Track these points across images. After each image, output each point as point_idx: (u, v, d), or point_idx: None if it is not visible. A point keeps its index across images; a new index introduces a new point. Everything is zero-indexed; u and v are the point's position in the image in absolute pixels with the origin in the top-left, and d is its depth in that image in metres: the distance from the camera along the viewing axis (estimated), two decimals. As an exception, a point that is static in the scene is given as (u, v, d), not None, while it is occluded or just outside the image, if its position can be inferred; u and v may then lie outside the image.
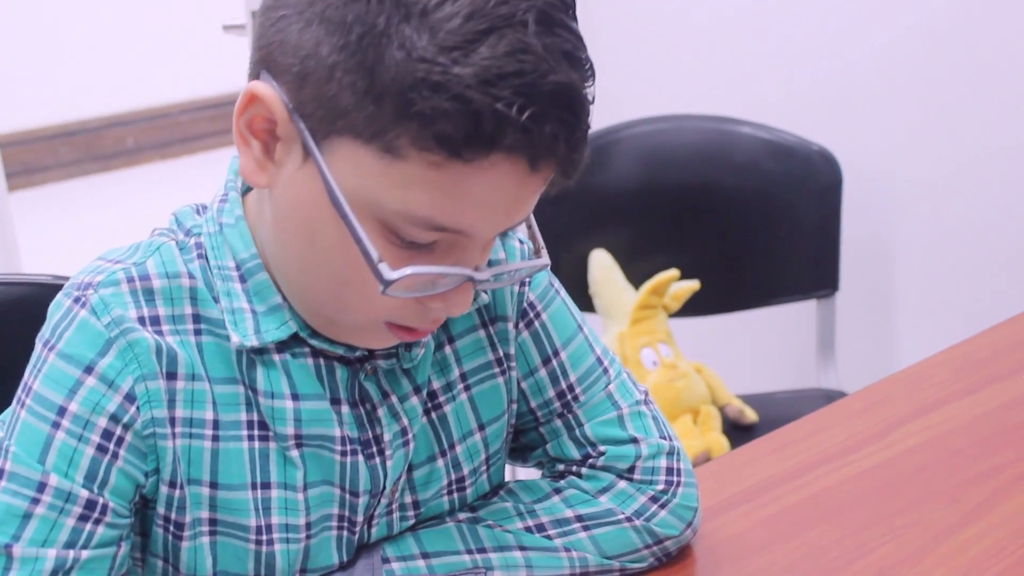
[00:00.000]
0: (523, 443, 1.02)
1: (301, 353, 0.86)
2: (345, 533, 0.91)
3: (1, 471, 0.81)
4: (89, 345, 0.82)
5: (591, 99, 0.76)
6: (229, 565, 0.88)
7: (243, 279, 0.85)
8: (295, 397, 0.86)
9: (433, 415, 0.93)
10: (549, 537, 0.96)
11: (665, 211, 1.98)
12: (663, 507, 0.97)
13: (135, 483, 0.84)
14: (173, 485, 0.85)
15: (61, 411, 0.81)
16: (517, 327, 0.96)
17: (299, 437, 0.87)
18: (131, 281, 0.84)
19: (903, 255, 2.09)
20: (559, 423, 0.99)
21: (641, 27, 2.34)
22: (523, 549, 0.95)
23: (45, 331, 0.84)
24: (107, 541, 0.83)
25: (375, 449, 0.90)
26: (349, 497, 0.90)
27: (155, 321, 0.84)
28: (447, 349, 0.93)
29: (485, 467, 0.97)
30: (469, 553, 0.94)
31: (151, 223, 0.94)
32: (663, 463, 0.98)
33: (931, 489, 1.10)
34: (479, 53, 0.70)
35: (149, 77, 5.04)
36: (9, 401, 0.85)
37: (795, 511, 1.08)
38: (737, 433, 1.83)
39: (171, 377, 0.83)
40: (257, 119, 0.78)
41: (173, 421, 0.84)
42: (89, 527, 0.82)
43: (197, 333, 0.85)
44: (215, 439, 0.85)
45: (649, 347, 1.85)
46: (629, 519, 0.97)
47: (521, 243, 0.97)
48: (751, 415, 1.87)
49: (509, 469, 1.04)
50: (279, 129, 0.77)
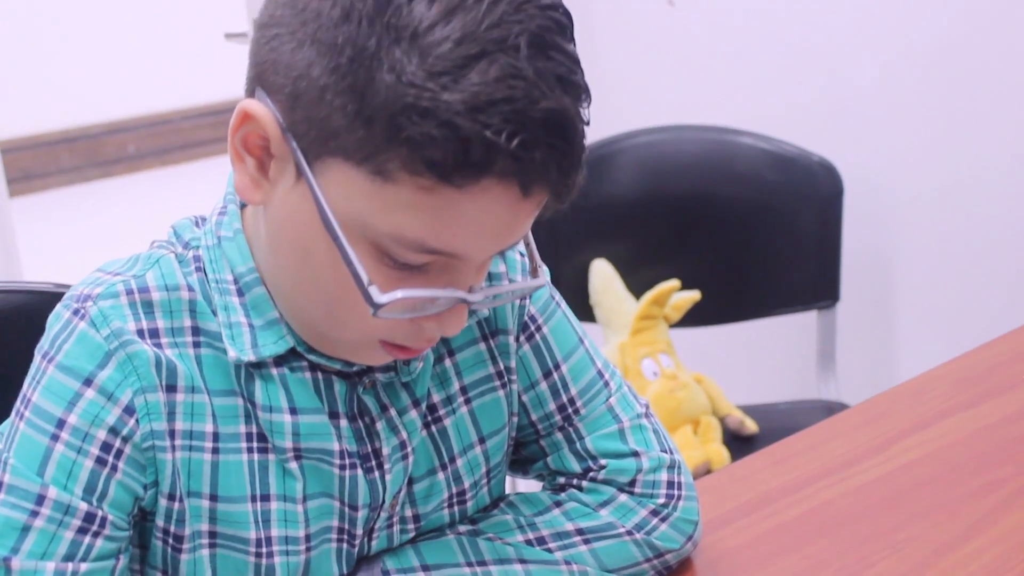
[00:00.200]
0: (523, 456, 1.02)
1: (299, 367, 0.86)
2: (345, 546, 0.91)
3: (0, 483, 0.81)
4: (88, 357, 0.82)
5: (586, 121, 0.75)
6: (228, 578, 0.88)
7: (240, 293, 0.84)
8: (293, 411, 0.85)
9: (433, 428, 0.93)
10: (549, 550, 0.95)
11: (666, 221, 1.98)
12: (664, 521, 0.97)
13: (134, 496, 0.84)
14: (172, 498, 0.85)
15: (60, 423, 0.81)
16: (518, 340, 0.96)
17: (298, 450, 0.86)
18: (130, 293, 0.84)
19: (904, 266, 2.09)
20: (560, 436, 0.98)
21: (642, 37, 2.34)
22: (523, 562, 0.94)
23: (44, 343, 0.84)
24: (106, 554, 0.83)
25: (374, 463, 0.89)
26: (348, 510, 0.90)
27: (154, 334, 0.84)
28: (447, 362, 0.93)
29: (486, 480, 0.97)
30: (469, 566, 0.93)
31: (152, 229, 0.94)
32: (664, 476, 0.98)
33: (932, 503, 1.10)
34: (469, 79, 0.69)
35: (151, 84, 5.04)
36: (10, 409, 0.85)
37: (795, 524, 1.08)
38: (737, 444, 1.83)
39: (170, 390, 0.83)
40: (252, 136, 0.78)
41: (173, 434, 0.84)
42: (88, 540, 0.82)
43: (196, 346, 0.85)
44: (215, 451, 0.85)
45: (650, 357, 1.85)
46: (630, 532, 0.97)
47: (522, 255, 0.96)
48: (751, 426, 1.87)
49: (509, 481, 1.04)
50: (273, 147, 0.77)
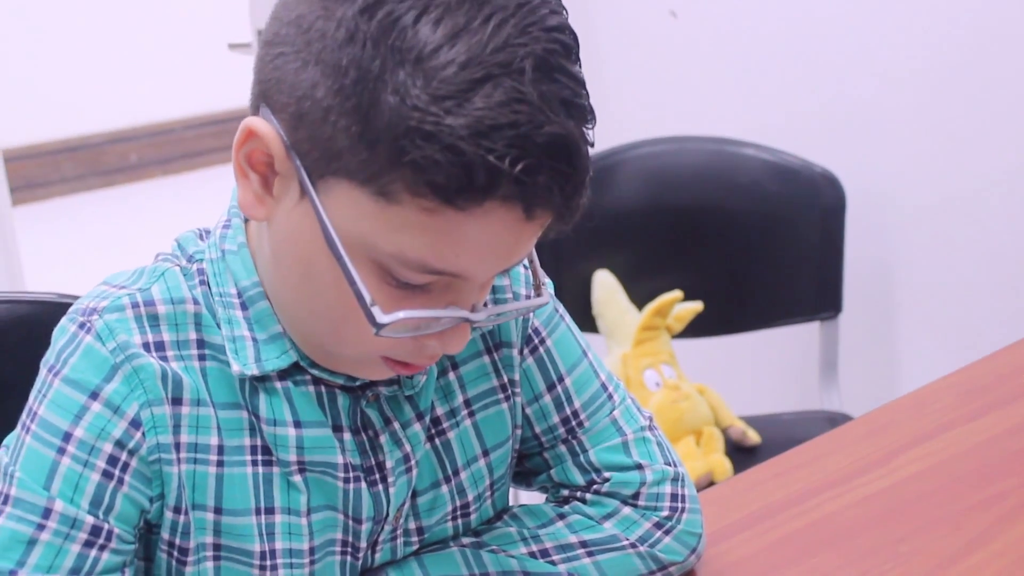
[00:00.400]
0: (527, 468, 1.02)
1: (303, 380, 0.86)
2: (349, 558, 0.91)
3: (6, 497, 0.81)
4: (94, 371, 0.82)
5: (591, 143, 0.75)
6: (233, 591, 0.88)
7: (244, 306, 0.85)
8: (297, 424, 0.85)
9: (437, 441, 0.93)
10: (553, 563, 0.95)
11: (668, 232, 1.98)
12: (667, 533, 0.97)
13: (140, 509, 0.84)
14: (178, 511, 0.85)
15: (66, 437, 0.81)
16: (522, 353, 0.96)
17: (302, 463, 0.86)
18: (136, 307, 0.84)
19: (907, 278, 2.09)
20: (564, 449, 0.99)
21: (645, 48, 2.34)
22: (527, 574, 0.94)
23: (50, 356, 0.84)
24: (112, 567, 0.83)
25: (378, 476, 0.90)
26: (352, 523, 0.90)
27: (160, 347, 0.84)
28: (451, 375, 0.93)
29: (490, 493, 0.97)
30: (473, 578, 0.94)
31: (155, 238, 0.94)
32: (668, 489, 0.98)
33: (935, 516, 1.10)
34: (473, 103, 0.69)
35: (153, 93, 5.04)
36: (14, 419, 0.85)
37: (799, 537, 1.08)
38: (740, 455, 1.83)
39: (176, 403, 0.83)
40: (256, 153, 0.78)
41: (178, 447, 0.84)
42: (94, 553, 0.82)
43: (201, 359, 0.85)
44: (219, 464, 0.85)
45: (652, 368, 1.85)
46: (633, 545, 0.97)
47: (525, 268, 0.96)
48: (754, 437, 1.86)
49: (512, 492, 1.04)
50: (277, 165, 0.77)
